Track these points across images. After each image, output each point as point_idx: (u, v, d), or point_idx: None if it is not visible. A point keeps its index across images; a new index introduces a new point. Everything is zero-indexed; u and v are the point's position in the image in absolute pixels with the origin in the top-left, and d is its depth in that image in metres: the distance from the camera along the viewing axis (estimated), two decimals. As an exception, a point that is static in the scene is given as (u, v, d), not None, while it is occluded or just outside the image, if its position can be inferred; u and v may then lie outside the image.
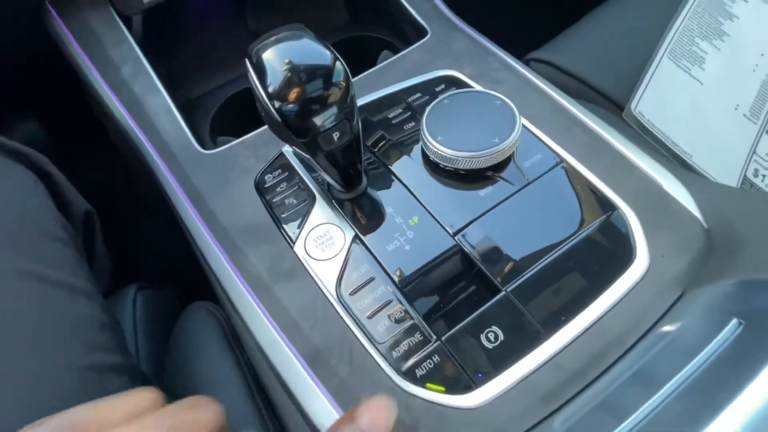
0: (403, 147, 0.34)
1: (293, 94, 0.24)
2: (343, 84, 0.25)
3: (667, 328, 0.23)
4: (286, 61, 0.24)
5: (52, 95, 0.69)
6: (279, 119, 0.25)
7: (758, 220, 0.25)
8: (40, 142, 0.67)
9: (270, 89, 0.24)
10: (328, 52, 0.25)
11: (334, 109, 0.25)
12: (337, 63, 0.25)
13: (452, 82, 0.38)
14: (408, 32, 0.48)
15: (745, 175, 0.48)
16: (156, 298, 0.46)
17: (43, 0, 0.41)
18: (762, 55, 0.50)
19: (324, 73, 0.25)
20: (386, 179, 0.33)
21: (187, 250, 0.37)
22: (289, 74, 0.24)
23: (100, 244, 0.37)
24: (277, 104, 0.24)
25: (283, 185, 0.34)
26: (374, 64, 0.47)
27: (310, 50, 0.25)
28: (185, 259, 0.43)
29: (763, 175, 0.47)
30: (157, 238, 0.66)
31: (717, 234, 0.26)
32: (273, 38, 0.25)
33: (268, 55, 0.25)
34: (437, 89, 0.38)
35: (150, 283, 0.46)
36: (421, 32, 0.44)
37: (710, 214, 0.27)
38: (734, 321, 0.20)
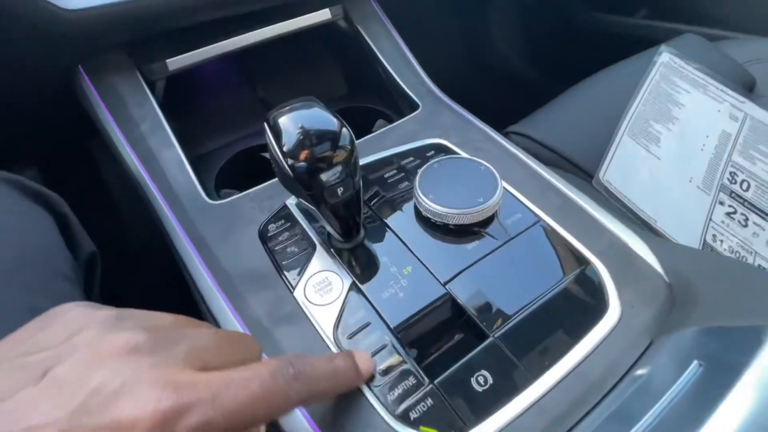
0: (397, 203, 0.37)
1: (304, 154, 0.28)
2: (348, 147, 0.29)
3: (638, 372, 0.25)
4: (299, 125, 0.28)
5: (53, 146, 0.72)
6: (291, 174, 0.28)
7: (710, 278, 0.28)
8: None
9: (285, 148, 0.28)
10: (335, 120, 0.29)
11: (339, 168, 0.28)
12: (344, 129, 0.29)
13: (441, 149, 0.43)
14: (401, 105, 0.54)
15: (705, 240, 0.53)
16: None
17: (77, 63, 0.45)
18: (707, 136, 0.58)
19: (331, 137, 0.28)
20: (382, 231, 0.36)
21: (177, 300, 0.38)
22: (302, 137, 0.28)
23: (97, 284, 0.38)
24: (290, 161, 0.28)
25: (286, 234, 0.36)
26: (370, 132, 0.53)
27: (320, 117, 0.29)
28: (176, 309, 0.43)
29: (721, 240, 0.52)
30: (144, 288, 0.65)
31: (677, 288, 0.29)
32: (288, 107, 0.29)
33: (284, 120, 0.29)
34: (428, 154, 0.42)
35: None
36: (413, 106, 0.50)
37: (671, 270, 0.30)
38: (695, 363, 0.22)
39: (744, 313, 0.24)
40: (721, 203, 0.54)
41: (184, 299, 0.38)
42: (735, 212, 0.53)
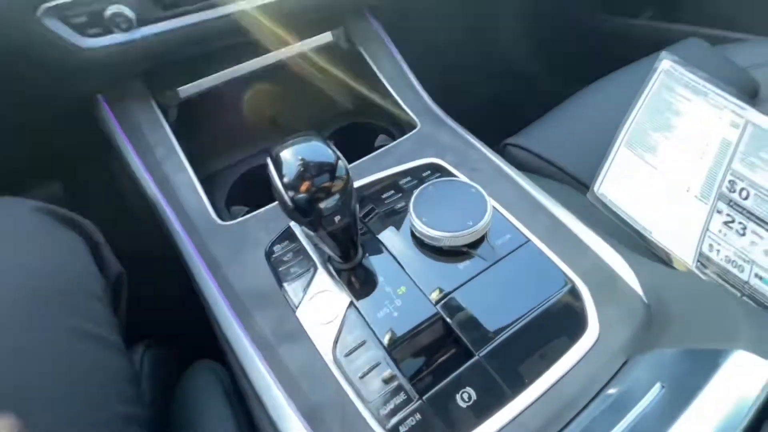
0: (393, 222, 0.40)
1: (304, 186, 0.30)
2: (345, 177, 0.31)
3: (610, 391, 0.27)
4: (299, 158, 0.31)
5: (75, 163, 0.76)
6: (291, 205, 0.31)
7: (687, 300, 0.30)
8: (60, 202, 0.73)
9: (285, 180, 0.30)
10: (331, 152, 0.31)
11: (336, 197, 0.31)
12: (339, 161, 0.31)
13: (437, 169, 0.45)
14: (401, 122, 0.56)
15: (701, 250, 0.53)
16: (162, 357, 0.49)
17: (96, 92, 0.48)
18: (707, 144, 0.59)
19: (328, 169, 0.31)
20: (379, 251, 0.38)
21: (192, 308, 0.41)
22: (301, 169, 0.30)
23: (124, 300, 0.41)
24: (291, 193, 0.30)
25: (289, 255, 0.39)
26: (372, 145, 0.55)
27: (318, 150, 0.31)
28: (187, 320, 0.46)
29: (717, 250, 0.53)
30: (160, 299, 0.69)
31: (655, 309, 0.31)
32: (290, 141, 0.32)
33: (285, 154, 0.31)
34: (424, 174, 0.45)
35: (158, 338, 0.50)
36: (412, 124, 0.52)
37: (650, 291, 0.32)
38: (658, 384, 0.24)
39: (712, 336, 0.26)
40: (719, 212, 0.54)
41: (198, 306, 0.41)
42: (733, 221, 0.54)
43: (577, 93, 0.67)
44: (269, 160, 0.32)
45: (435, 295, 0.34)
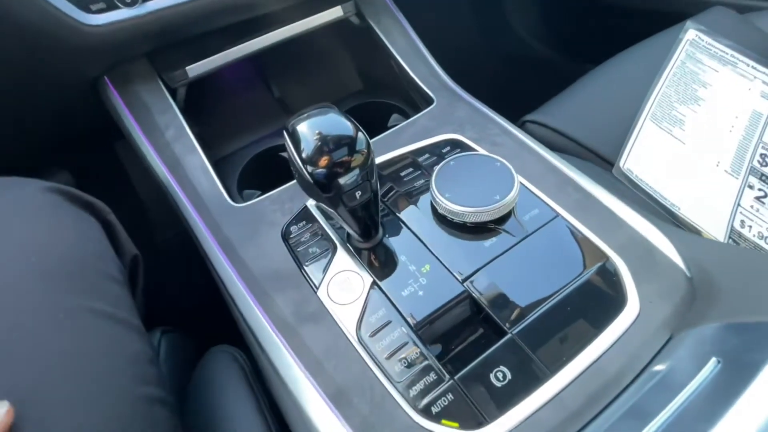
0: (414, 201, 0.38)
1: (323, 160, 0.29)
2: (365, 150, 0.29)
3: (657, 367, 0.25)
4: (317, 132, 0.29)
5: (84, 151, 0.75)
6: (311, 180, 0.29)
7: (732, 271, 0.28)
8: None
9: (303, 155, 0.29)
10: (351, 125, 0.30)
11: (356, 172, 0.29)
12: (359, 133, 0.30)
13: (456, 145, 0.43)
14: (416, 99, 0.54)
15: (732, 227, 0.51)
16: (178, 342, 0.48)
17: (102, 75, 0.47)
18: (736, 117, 0.56)
19: (348, 142, 0.29)
20: (400, 230, 0.36)
21: (205, 296, 0.40)
22: (320, 143, 0.29)
23: (141, 283, 0.41)
24: (309, 168, 0.29)
25: (307, 235, 0.37)
26: (385, 125, 0.53)
27: (337, 123, 0.30)
28: (204, 305, 0.45)
29: (749, 226, 0.51)
30: (176, 284, 0.69)
31: (698, 282, 0.29)
32: (306, 114, 0.30)
33: (302, 128, 0.29)
34: (443, 150, 0.43)
35: (172, 327, 0.49)
36: (428, 100, 0.50)
37: (692, 264, 0.30)
38: (713, 359, 0.22)
39: (764, 308, 0.24)
40: (751, 187, 0.52)
41: (214, 293, 0.40)
42: (765, 196, 0.51)
43: (597, 67, 0.65)
44: (286, 134, 0.30)
45: (462, 273, 0.33)
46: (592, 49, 0.79)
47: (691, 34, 0.61)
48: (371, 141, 0.46)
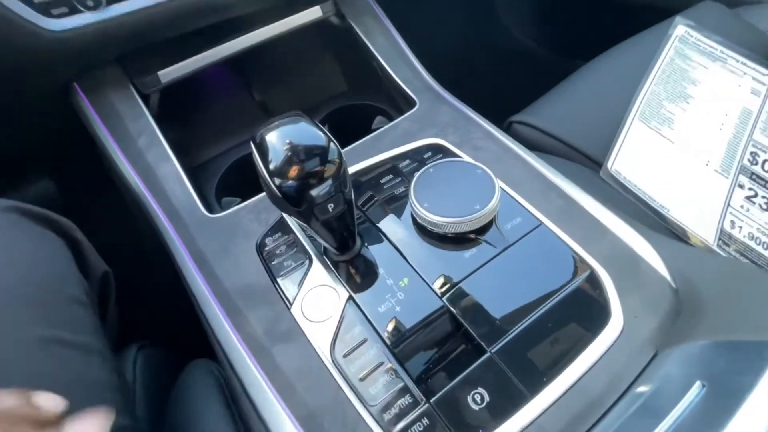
0: (393, 209, 0.37)
1: (291, 171, 0.27)
2: (336, 161, 0.28)
3: (640, 389, 0.24)
4: (286, 141, 0.28)
5: (65, 156, 0.73)
6: (279, 194, 0.28)
7: (717, 283, 0.27)
8: (53, 201, 0.70)
9: (271, 167, 0.27)
10: (321, 134, 0.28)
11: (328, 183, 0.28)
12: (331, 144, 0.28)
13: (438, 150, 0.42)
14: (399, 101, 0.52)
15: (722, 228, 0.50)
16: (155, 357, 0.46)
17: (72, 81, 0.45)
18: (726, 114, 0.55)
19: (318, 152, 0.28)
20: (378, 240, 0.35)
21: (188, 308, 0.38)
22: (288, 153, 0.27)
23: (113, 303, 0.39)
24: (277, 181, 0.27)
25: (283, 247, 0.36)
26: (369, 127, 0.51)
27: (306, 132, 0.28)
28: (186, 317, 0.44)
29: (740, 227, 0.50)
30: (159, 295, 0.67)
31: (684, 294, 0.28)
32: (274, 124, 0.29)
33: (270, 137, 0.28)
34: (425, 156, 0.41)
35: (150, 340, 0.48)
36: (410, 102, 0.48)
37: (677, 274, 0.29)
38: (698, 383, 0.21)
39: (751, 325, 0.23)
40: (741, 186, 0.51)
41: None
42: (756, 195, 0.50)
43: (586, 64, 0.63)
44: (253, 145, 0.29)
45: (441, 287, 0.31)
46: (583, 44, 0.77)
47: (681, 30, 0.59)
48: (351, 146, 0.45)
